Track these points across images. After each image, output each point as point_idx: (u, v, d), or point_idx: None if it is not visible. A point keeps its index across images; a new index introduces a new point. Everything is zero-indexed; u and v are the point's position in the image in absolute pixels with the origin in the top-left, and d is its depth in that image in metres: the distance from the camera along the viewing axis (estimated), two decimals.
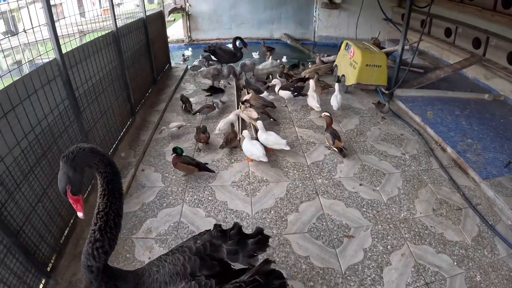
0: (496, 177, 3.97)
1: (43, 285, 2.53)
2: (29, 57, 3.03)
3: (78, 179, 1.70)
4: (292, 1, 11.34)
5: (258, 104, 5.12)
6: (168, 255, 1.95)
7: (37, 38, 2.74)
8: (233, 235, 2.02)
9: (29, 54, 3.09)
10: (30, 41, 2.69)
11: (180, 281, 1.78)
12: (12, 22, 6.03)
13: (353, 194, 3.67)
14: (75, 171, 1.67)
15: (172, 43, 11.39)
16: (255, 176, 3.95)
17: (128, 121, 4.91)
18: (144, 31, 5.97)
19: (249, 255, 1.98)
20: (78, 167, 1.68)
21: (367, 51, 5.97)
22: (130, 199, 3.60)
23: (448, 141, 4.68)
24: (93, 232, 1.72)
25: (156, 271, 1.85)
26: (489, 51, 6.77)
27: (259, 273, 1.76)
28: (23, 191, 2.42)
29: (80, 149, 1.65)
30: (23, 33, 2.85)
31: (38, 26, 2.78)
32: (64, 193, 1.69)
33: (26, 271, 2.37)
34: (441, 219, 3.38)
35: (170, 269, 1.83)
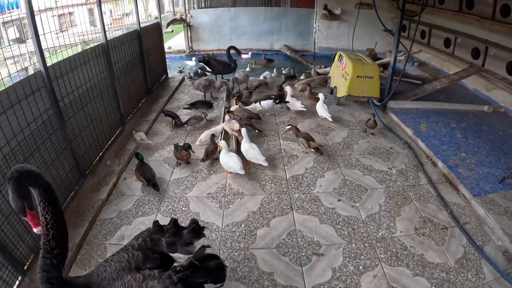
0: (489, 194, 3.76)
1: (19, 282, 2.64)
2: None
3: (30, 195, 1.81)
4: (292, 12, 11.41)
5: (243, 115, 5.10)
6: (114, 255, 2.09)
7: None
8: (169, 229, 2.21)
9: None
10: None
11: (126, 276, 1.92)
12: (22, 30, 6.19)
13: (329, 210, 3.57)
14: (22, 188, 1.78)
15: (173, 53, 11.55)
16: (231, 188, 3.90)
17: (117, 130, 4.95)
18: (138, 43, 6.04)
19: (186, 244, 2.18)
20: (24, 185, 1.78)
21: (359, 62, 5.89)
22: (109, 206, 3.66)
23: (439, 155, 4.53)
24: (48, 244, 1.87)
25: (103, 271, 1.98)
26: (488, 61, 6.63)
27: (196, 258, 1.98)
28: (3, 193, 2.56)
29: (19, 170, 1.76)
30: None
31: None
32: (23, 210, 1.80)
33: (2, 267, 2.49)
34: (423, 238, 3.21)
35: (116, 266, 1.96)
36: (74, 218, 3.37)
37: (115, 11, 6.50)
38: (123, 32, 5.47)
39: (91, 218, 3.39)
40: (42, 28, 3.20)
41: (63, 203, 3.40)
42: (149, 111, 6.01)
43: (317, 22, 11.20)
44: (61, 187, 3.37)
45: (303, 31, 11.59)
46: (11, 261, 2.54)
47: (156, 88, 7.10)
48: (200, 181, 4.05)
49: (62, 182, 3.39)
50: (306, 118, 5.69)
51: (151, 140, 4.92)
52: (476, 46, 6.98)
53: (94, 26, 4.79)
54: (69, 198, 3.50)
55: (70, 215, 3.38)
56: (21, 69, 3.46)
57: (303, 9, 11.52)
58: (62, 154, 3.43)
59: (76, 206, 3.52)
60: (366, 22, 9.24)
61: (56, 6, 3.95)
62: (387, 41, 10.34)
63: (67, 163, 3.51)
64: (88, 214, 3.44)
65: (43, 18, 3.35)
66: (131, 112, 5.65)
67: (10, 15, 6.29)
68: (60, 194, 3.34)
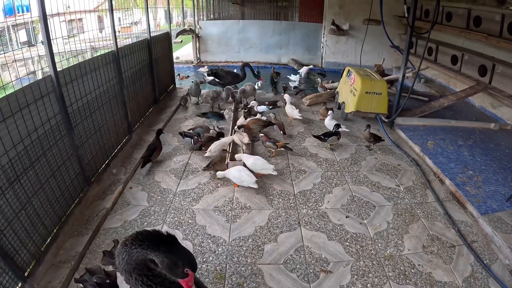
0: (496, 212, 3.73)
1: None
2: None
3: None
4: (300, 26, 11.52)
5: (258, 127, 5.14)
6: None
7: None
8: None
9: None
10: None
11: None
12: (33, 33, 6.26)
13: (337, 226, 3.52)
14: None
15: (181, 63, 11.63)
16: (239, 202, 3.85)
17: (124, 139, 4.94)
18: (148, 52, 6.08)
19: None
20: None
21: (368, 78, 5.90)
22: (114, 215, 3.61)
23: (447, 172, 4.49)
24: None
25: None
26: (495, 79, 6.63)
27: None
28: (7, 198, 2.52)
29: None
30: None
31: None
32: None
33: (3, 273, 2.43)
34: (431, 257, 3.17)
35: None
36: (78, 226, 3.34)
37: (124, 19, 6.58)
38: (132, 41, 5.51)
39: (95, 226, 3.35)
40: (54, 32, 3.22)
41: (67, 209, 3.37)
42: (156, 120, 6.02)
43: (325, 37, 11.28)
44: (66, 193, 3.35)
45: (311, 46, 11.67)
46: (12, 267, 2.49)
47: (163, 98, 7.14)
48: (207, 193, 4.01)
49: (67, 188, 3.37)
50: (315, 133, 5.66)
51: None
52: (483, 63, 6.99)
53: (102, 33, 4.83)
54: (73, 205, 3.47)
55: (74, 222, 3.36)
56: (30, 72, 3.50)
57: (311, 23, 11.64)
58: (68, 161, 3.41)
59: (80, 214, 3.50)
60: (373, 38, 9.30)
61: (68, 11, 3.97)
62: (394, 57, 10.38)
63: (73, 169, 3.49)
64: (92, 223, 3.40)
65: (52, 22, 3.38)
66: (138, 121, 5.65)
67: (23, 17, 6.38)
68: (65, 200, 3.32)
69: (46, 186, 3.01)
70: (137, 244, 1.52)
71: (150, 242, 1.52)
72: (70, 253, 3.01)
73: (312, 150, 5.09)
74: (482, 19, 7.05)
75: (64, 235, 3.18)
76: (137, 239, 1.53)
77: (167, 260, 1.51)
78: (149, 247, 1.51)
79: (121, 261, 1.56)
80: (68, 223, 3.29)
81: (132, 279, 1.58)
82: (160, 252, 1.51)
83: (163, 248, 1.51)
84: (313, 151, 5.06)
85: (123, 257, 1.54)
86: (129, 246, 1.52)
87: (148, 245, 1.51)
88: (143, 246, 1.51)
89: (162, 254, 1.51)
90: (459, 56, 7.82)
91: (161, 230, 1.60)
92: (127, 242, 1.54)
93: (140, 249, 1.51)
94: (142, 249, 1.51)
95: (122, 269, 1.57)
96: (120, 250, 1.55)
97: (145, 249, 1.51)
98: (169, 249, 1.52)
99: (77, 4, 3.84)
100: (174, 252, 1.53)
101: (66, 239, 3.16)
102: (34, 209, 2.83)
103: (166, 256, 1.51)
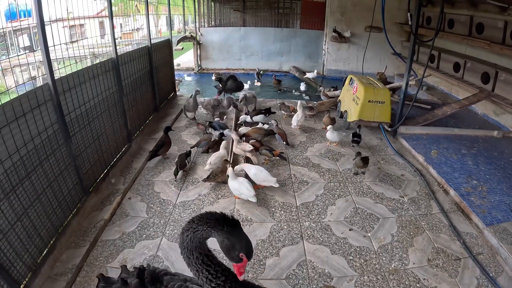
0: (501, 223, 3.65)
1: None
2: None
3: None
4: (301, 34, 11.52)
5: (260, 135, 5.08)
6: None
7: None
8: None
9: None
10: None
11: None
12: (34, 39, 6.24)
13: (341, 240, 3.43)
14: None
15: (182, 71, 11.62)
16: (240, 214, 3.77)
17: (124, 148, 4.88)
18: (148, 59, 6.04)
19: None
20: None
21: (370, 86, 5.84)
22: (112, 226, 3.54)
23: (451, 182, 4.41)
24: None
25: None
26: (498, 86, 6.59)
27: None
28: (3, 209, 2.47)
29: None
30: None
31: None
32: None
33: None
34: (436, 270, 3.08)
35: None
36: (75, 238, 3.27)
37: (125, 25, 6.56)
38: (133, 47, 5.47)
39: (92, 238, 3.28)
40: (52, 39, 3.17)
41: (65, 220, 3.30)
42: (156, 129, 5.96)
43: (326, 44, 11.28)
44: (63, 204, 3.28)
45: (312, 53, 11.68)
46: (7, 279, 2.43)
47: (164, 106, 7.09)
48: (207, 205, 3.93)
49: (65, 199, 3.30)
50: (316, 143, 5.61)
51: (158, 159, 4.86)
52: (486, 71, 6.96)
53: (104, 39, 4.79)
54: (70, 216, 3.40)
55: (71, 234, 3.29)
56: (30, 78, 3.45)
57: (313, 30, 11.66)
58: (66, 171, 3.35)
59: (78, 225, 3.43)
60: (375, 45, 9.27)
61: (69, 17, 3.93)
62: (396, 65, 10.36)
63: (71, 179, 3.43)
64: (90, 234, 3.33)
65: (53, 28, 3.34)
66: (138, 129, 5.58)
67: (20, 24, 6.35)
68: (62, 211, 3.26)
69: (42, 196, 2.95)
70: (203, 222, 1.60)
71: (217, 221, 1.60)
72: (67, 265, 2.95)
73: (315, 160, 5.02)
74: (484, 26, 7.04)
75: (61, 246, 3.12)
76: (205, 217, 1.62)
77: (227, 241, 1.59)
78: (215, 226, 1.58)
79: (185, 238, 1.63)
80: (65, 234, 3.22)
81: (193, 257, 1.65)
82: (223, 232, 1.58)
83: (226, 229, 1.58)
84: (315, 161, 4.99)
85: (188, 234, 1.62)
86: (196, 223, 1.61)
87: (214, 224, 1.59)
88: (210, 224, 1.59)
89: (224, 234, 1.58)
90: (461, 63, 7.79)
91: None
92: (194, 219, 1.63)
93: (206, 226, 1.59)
94: (208, 227, 1.59)
95: (184, 246, 1.65)
96: (186, 227, 1.63)
97: (210, 227, 1.59)
98: (232, 232, 1.59)
99: (79, 10, 3.80)
100: (236, 235, 1.60)
101: (63, 250, 3.11)
102: (30, 220, 2.78)
103: (227, 237, 1.59)
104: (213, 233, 1.60)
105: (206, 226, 1.59)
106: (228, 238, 1.59)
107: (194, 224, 1.61)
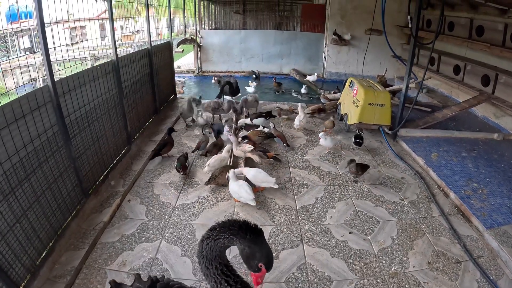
0: (502, 226, 3.62)
1: None
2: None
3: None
4: (302, 36, 11.54)
5: (260, 138, 5.08)
6: None
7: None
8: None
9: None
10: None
11: None
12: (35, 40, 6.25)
13: (340, 243, 3.42)
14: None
15: (182, 73, 11.64)
16: (240, 217, 3.70)
17: (123, 150, 4.87)
18: (149, 61, 6.04)
19: None
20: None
21: (370, 89, 5.84)
22: (111, 229, 3.53)
23: (451, 185, 4.39)
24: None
25: None
26: (498, 89, 6.57)
27: None
28: (1, 211, 2.46)
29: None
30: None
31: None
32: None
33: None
34: (437, 273, 3.07)
35: None
36: (74, 240, 3.26)
37: (126, 28, 6.56)
38: (134, 50, 5.48)
39: (91, 240, 3.27)
40: (53, 41, 3.17)
41: (64, 222, 3.29)
42: (156, 131, 5.96)
43: (326, 47, 11.28)
44: (62, 206, 3.27)
45: (313, 56, 11.68)
46: (6, 281, 2.42)
47: (164, 108, 7.09)
48: (207, 208, 3.92)
49: (64, 201, 3.29)
50: (316, 146, 5.59)
51: (158, 161, 4.86)
52: (486, 73, 6.94)
53: (104, 41, 4.78)
54: (70, 218, 3.39)
55: (70, 236, 3.28)
56: (30, 80, 3.45)
57: (313, 33, 11.67)
58: (65, 172, 3.34)
59: (77, 227, 3.42)
60: (375, 48, 9.28)
61: (70, 19, 3.93)
62: (396, 67, 10.37)
63: (70, 181, 3.42)
64: (89, 236, 3.32)
65: (54, 29, 3.34)
66: (138, 131, 5.58)
67: (29, 24, 6.37)
68: (61, 213, 3.25)
69: (42, 198, 2.95)
70: (226, 229, 1.57)
71: (240, 228, 1.56)
72: (66, 268, 2.93)
73: (315, 163, 5.00)
74: (484, 29, 7.03)
75: (60, 248, 3.11)
76: (227, 225, 1.59)
77: (248, 249, 1.57)
78: (238, 233, 1.55)
79: (205, 247, 1.60)
80: (64, 236, 3.21)
81: (212, 267, 1.61)
82: (245, 240, 1.55)
83: (249, 237, 1.55)
84: (315, 164, 4.97)
85: (208, 242, 1.59)
86: (218, 230, 1.58)
87: (237, 231, 1.55)
88: (233, 231, 1.56)
89: (247, 242, 1.55)
90: (461, 66, 7.78)
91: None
92: (216, 226, 1.60)
93: (229, 234, 1.55)
94: (231, 235, 1.55)
95: (203, 255, 1.61)
96: (207, 234, 1.60)
97: (233, 235, 1.55)
98: (254, 240, 1.56)
99: (80, 12, 3.80)
100: (258, 244, 1.57)
101: (62, 253, 3.09)
102: (29, 222, 2.76)
103: (249, 245, 1.56)
104: (235, 241, 1.57)
105: (228, 234, 1.56)
106: (250, 247, 1.56)
107: (215, 231, 1.58)
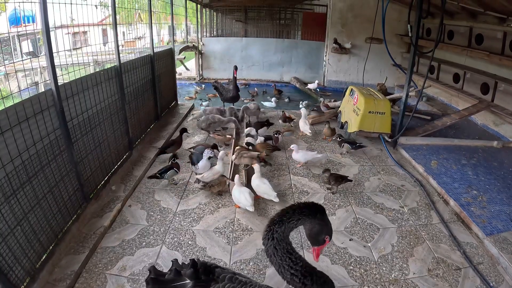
0: (502, 232, 3.64)
1: None
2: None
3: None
4: (302, 44, 11.62)
5: (267, 150, 5.11)
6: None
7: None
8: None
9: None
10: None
11: None
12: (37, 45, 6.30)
13: (341, 249, 3.42)
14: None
15: (183, 80, 11.70)
16: (240, 223, 3.77)
17: (125, 155, 4.89)
18: (151, 68, 6.09)
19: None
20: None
21: (371, 97, 5.88)
22: (112, 233, 3.54)
23: (451, 193, 4.40)
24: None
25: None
26: (498, 97, 6.63)
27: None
28: (3, 213, 2.47)
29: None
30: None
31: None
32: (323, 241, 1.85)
33: None
34: (437, 280, 3.07)
35: None
36: (74, 244, 3.26)
37: (128, 34, 6.61)
38: (136, 56, 5.52)
39: (92, 245, 3.27)
40: (56, 45, 3.20)
41: (64, 226, 3.30)
42: (157, 137, 5.98)
43: (327, 55, 11.36)
44: (63, 210, 3.28)
45: (313, 64, 11.75)
46: (6, 284, 2.42)
47: (165, 114, 7.11)
48: (207, 214, 3.93)
49: (65, 204, 3.31)
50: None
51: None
52: (485, 81, 7.00)
53: (106, 46, 4.82)
54: (70, 221, 3.40)
55: (71, 240, 3.28)
56: (33, 83, 3.48)
57: (314, 41, 11.75)
58: (67, 176, 3.36)
59: (77, 231, 3.43)
60: (375, 57, 9.34)
61: (73, 24, 3.97)
62: (396, 76, 10.43)
63: (71, 185, 3.43)
64: (89, 241, 3.33)
65: (56, 34, 3.38)
66: (140, 137, 5.60)
67: (33, 28, 6.42)
68: (62, 217, 3.26)
69: (43, 201, 2.96)
70: (298, 212, 1.73)
71: (309, 209, 1.75)
72: (65, 271, 2.93)
73: (315, 170, 5.02)
74: (484, 37, 7.10)
75: (60, 252, 3.10)
76: (297, 208, 1.76)
77: (318, 226, 1.76)
78: (309, 214, 1.74)
79: (277, 229, 1.73)
80: (65, 240, 3.22)
81: (280, 247, 1.74)
82: (315, 219, 1.75)
83: (319, 215, 1.75)
84: (315, 171, 4.99)
85: (281, 225, 1.72)
86: (291, 213, 1.73)
87: (308, 212, 1.74)
88: (305, 212, 1.73)
89: (316, 221, 1.75)
90: (461, 74, 7.85)
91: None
92: (288, 211, 1.75)
93: (301, 215, 1.73)
94: (303, 215, 1.73)
95: (274, 237, 1.73)
96: (278, 218, 1.74)
97: (305, 216, 1.73)
98: (322, 218, 1.76)
99: (83, 17, 3.85)
100: (325, 220, 1.77)
101: (62, 256, 3.09)
102: (30, 225, 2.77)
103: (319, 223, 1.76)
104: (306, 221, 1.75)
105: (301, 215, 1.72)
106: (320, 224, 1.75)
107: (288, 215, 1.72)
